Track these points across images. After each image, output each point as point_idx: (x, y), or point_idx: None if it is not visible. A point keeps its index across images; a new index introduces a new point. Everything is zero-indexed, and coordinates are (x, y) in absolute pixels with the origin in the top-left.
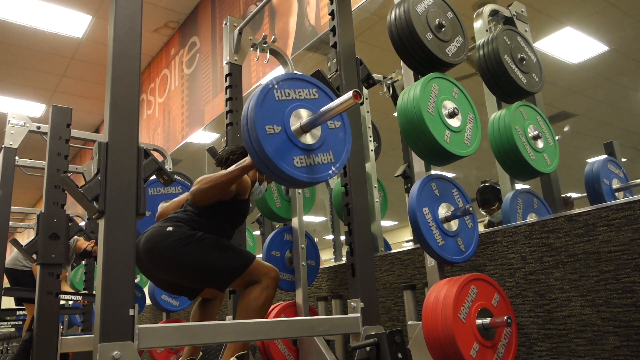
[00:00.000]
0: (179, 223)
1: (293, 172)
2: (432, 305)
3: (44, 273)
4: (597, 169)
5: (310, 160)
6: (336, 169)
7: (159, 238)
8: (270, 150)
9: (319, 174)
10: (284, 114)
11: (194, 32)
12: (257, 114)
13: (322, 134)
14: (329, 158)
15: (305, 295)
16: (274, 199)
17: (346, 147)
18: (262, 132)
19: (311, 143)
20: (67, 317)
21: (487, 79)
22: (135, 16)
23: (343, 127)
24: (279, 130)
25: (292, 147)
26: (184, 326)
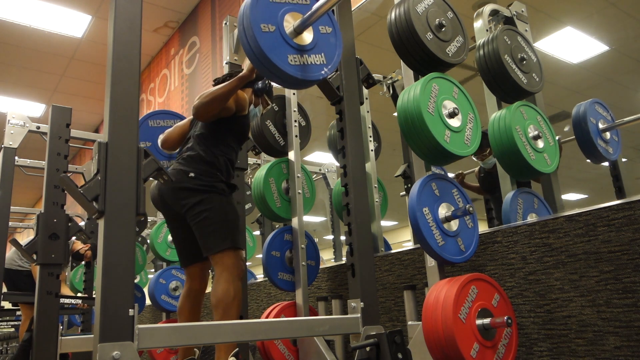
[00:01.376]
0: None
1: (287, 68)
2: (432, 305)
3: (43, 273)
4: (584, 110)
5: (303, 60)
6: (328, 70)
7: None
8: (265, 46)
9: (312, 73)
10: (278, 15)
11: (193, 32)
12: (253, 13)
13: (314, 37)
14: (321, 59)
15: (305, 295)
16: (274, 199)
17: (337, 51)
18: (257, 29)
19: (304, 44)
20: (67, 317)
21: (487, 79)
22: (135, 16)
23: (334, 32)
24: (274, 30)
25: (285, 46)
26: (183, 326)
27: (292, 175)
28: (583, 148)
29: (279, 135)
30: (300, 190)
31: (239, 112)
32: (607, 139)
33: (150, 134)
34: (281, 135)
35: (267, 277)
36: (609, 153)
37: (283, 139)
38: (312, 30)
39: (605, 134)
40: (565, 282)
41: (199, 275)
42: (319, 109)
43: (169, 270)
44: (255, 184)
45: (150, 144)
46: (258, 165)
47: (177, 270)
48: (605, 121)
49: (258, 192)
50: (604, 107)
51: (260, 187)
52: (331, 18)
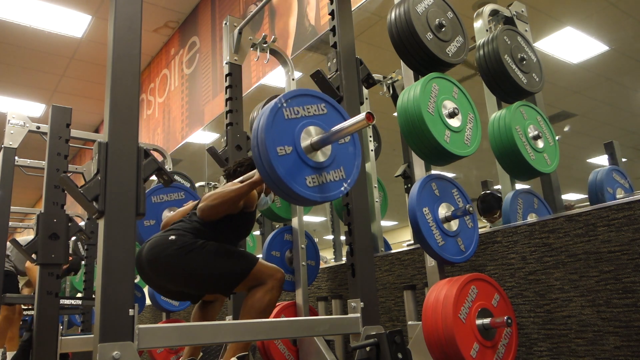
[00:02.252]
0: (182, 231)
1: (305, 193)
2: (432, 305)
3: (43, 273)
4: (600, 178)
5: (322, 179)
6: (348, 185)
7: (162, 247)
8: (282, 172)
9: (331, 192)
10: (294, 133)
11: (194, 32)
12: (268, 136)
13: (332, 150)
14: (340, 175)
15: (305, 295)
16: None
17: (356, 162)
18: (273, 153)
19: (322, 161)
20: (67, 317)
21: (487, 79)
22: (135, 16)
23: (352, 141)
24: (290, 151)
25: (303, 167)
26: (183, 326)
27: None
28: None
29: None
30: None
31: (246, 209)
32: None
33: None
34: None
35: None
36: None
37: None
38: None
39: None
40: (565, 282)
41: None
42: None
43: None
44: None
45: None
46: None
47: None
48: (623, 190)
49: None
50: (621, 175)
51: None
52: None
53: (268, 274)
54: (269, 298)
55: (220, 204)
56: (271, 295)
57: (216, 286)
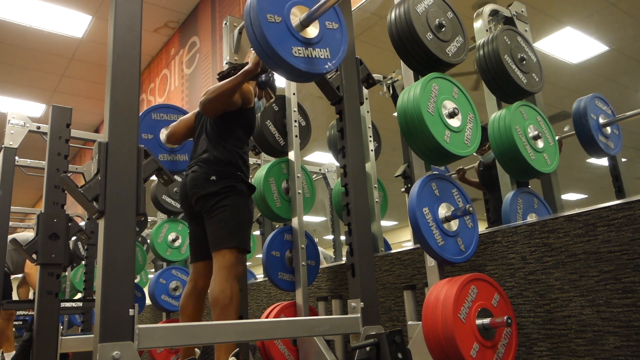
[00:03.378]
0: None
1: (291, 60)
2: (432, 305)
3: (43, 273)
4: (584, 105)
5: (308, 53)
6: (332, 64)
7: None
8: (270, 36)
9: (316, 66)
10: (285, 7)
11: (194, 32)
12: (260, 3)
13: (320, 31)
14: (326, 54)
15: (305, 295)
16: (274, 199)
17: (342, 47)
18: (263, 19)
19: (310, 37)
20: (67, 317)
21: (487, 79)
22: (135, 16)
23: (340, 28)
24: (280, 20)
25: (291, 37)
26: (184, 326)
27: (292, 175)
28: (584, 144)
29: (279, 135)
30: (300, 190)
31: (245, 105)
32: (608, 134)
33: (152, 127)
34: (281, 135)
35: (267, 277)
36: (610, 148)
37: (283, 139)
38: (319, 25)
39: (606, 128)
40: (565, 282)
41: (204, 273)
42: (319, 109)
43: (169, 270)
44: (255, 184)
45: (152, 137)
46: (258, 165)
47: (177, 270)
48: (606, 116)
49: (258, 192)
50: (604, 102)
51: (260, 187)
52: (338, 14)
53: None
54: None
55: (219, 95)
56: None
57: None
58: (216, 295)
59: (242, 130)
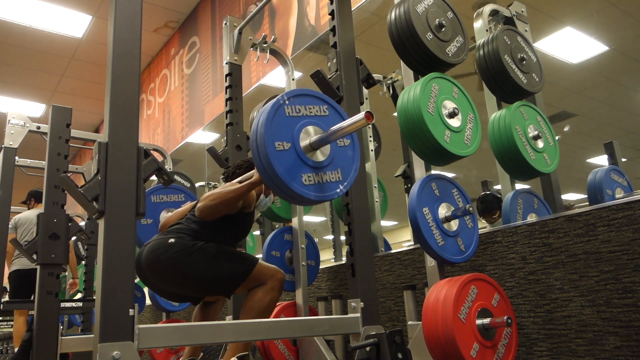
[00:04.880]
0: (181, 234)
1: (302, 191)
2: (432, 305)
3: (44, 273)
4: (599, 179)
5: (318, 178)
6: (344, 187)
7: (161, 250)
8: (279, 168)
9: (327, 192)
10: (294, 130)
11: (194, 32)
12: (267, 131)
13: (331, 151)
14: (337, 176)
15: (305, 295)
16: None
17: (354, 165)
18: (271, 148)
19: (320, 160)
20: (67, 317)
21: (487, 79)
22: (135, 16)
23: (352, 145)
24: (289, 147)
25: (301, 165)
26: (184, 326)
27: None
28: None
29: None
30: None
31: (244, 209)
32: None
33: (152, 211)
34: None
35: None
36: None
37: None
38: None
39: None
40: (565, 282)
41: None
42: None
43: None
44: None
45: (152, 221)
46: None
47: None
48: (622, 189)
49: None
50: (620, 174)
51: None
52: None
53: (268, 274)
54: (269, 298)
55: (219, 204)
56: (272, 296)
57: (217, 288)
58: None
59: (231, 234)
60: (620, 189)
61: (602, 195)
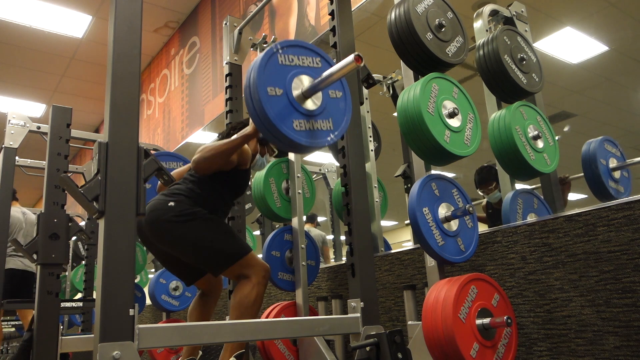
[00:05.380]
0: (181, 197)
1: (292, 135)
2: (432, 305)
3: (44, 273)
4: (593, 149)
5: (309, 125)
6: (335, 136)
7: (160, 212)
8: (270, 112)
9: (318, 139)
10: (286, 78)
11: (194, 32)
12: (260, 76)
13: (323, 101)
14: (328, 125)
15: (305, 295)
16: (274, 199)
17: (346, 116)
18: (263, 93)
19: (312, 109)
20: (67, 317)
21: (487, 79)
22: (135, 16)
23: (344, 97)
24: (281, 93)
25: (292, 111)
26: (184, 326)
27: (292, 175)
28: (593, 189)
29: None
30: (300, 190)
31: (240, 166)
32: (618, 178)
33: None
34: None
35: None
36: (620, 192)
37: None
38: (321, 95)
39: (616, 172)
40: (565, 282)
41: (208, 283)
42: None
43: None
44: (255, 184)
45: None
46: None
47: None
48: (616, 159)
49: (258, 192)
50: (613, 144)
51: (260, 187)
52: (342, 82)
53: (257, 267)
54: (255, 293)
55: (214, 156)
56: (258, 290)
57: (208, 260)
58: (239, 299)
59: (228, 191)
60: (614, 159)
61: (597, 165)
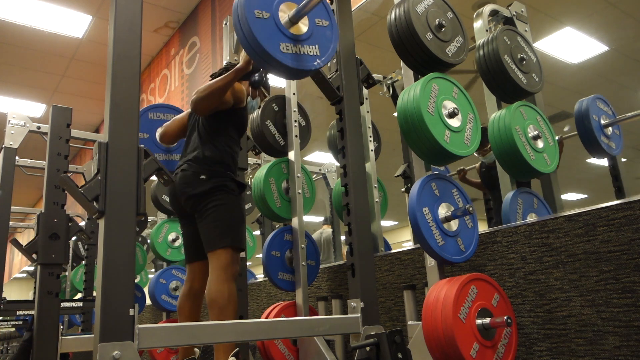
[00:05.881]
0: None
1: (279, 56)
2: (432, 305)
3: (44, 273)
4: (586, 106)
5: (296, 49)
6: (321, 61)
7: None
8: (258, 34)
9: (304, 62)
10: (273, 3)
11: (194, 32)
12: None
13: (309, 28)
14: (315, 51)
15: (305, 295)
16: (274, 199)
17: (332, 44)
18: (251, 15)
19: (298, 34)
20: (67, 317)
21: (487, 79)
22: (135, 16)
23: (331, 26)
24: (268, 17)
25: (279, 34)
26: (184, 326)
27: (292, 175)
28: (586, 145)
29: (279, 135)
30: (300, 190)
31: (237, 105)
32: (609, 134)
33: (149, 127)
34: (281, 135)
35: (267, 277)
36: (612, 148)
37: (283, 139)
38: (308, 22)
39: (608, 129)
40: (565, 282)
41: (200, 273)
42: (319, 109)
43: (169, 270)
44: (255, 184)
45: (148, 136)
46: (258, 165)
47: (177, 270)
48: (607, 116)
49: (258, 192)
50: (605, 103)
51: (260, 187)
52: (328, 11)
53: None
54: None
55: (210, 94)
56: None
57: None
58: (213, 296)
59: (234, 130)
60: (605, 116)
61: (589, 121)
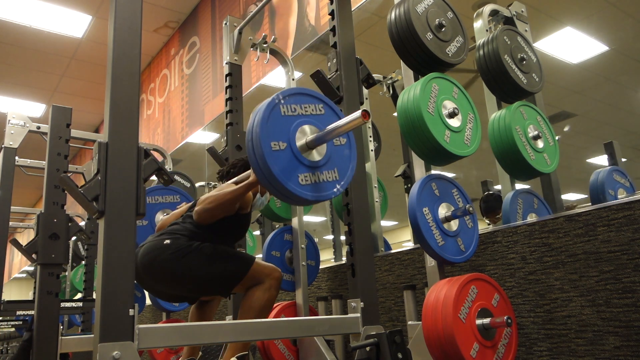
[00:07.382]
0: (177, 235)
1: (298, 191)
2: (432, 305)
3: (44, 273)
4: (602, 179)
5: (315, 178)
6: (341, 187)
7: (156, 252)
8: (275, 168)
9: (324, 192)
10: (290, 130)
11: (194, 32)
12: (263, 130)
13: (327, 151)
14: (334, 175)
15: (305, 295)
16: (274, 199)
17: (351, 164)
18: (267, 148)
19: (317, 160)
20: (67, 317)
21: (487, 79)
22: (135, 16)
23: (348, 144)
24: (285, 147)
25: (297, 164)
26: (184, 326)
27: None
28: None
29: None
30: None
31: (241, 211)
32: None
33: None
34: None
35: None
36: None
37: None
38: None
39: None
40: (565, 282)
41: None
42: None
43: None
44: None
45: (147, 223)
46: None
47: None
48: (624, 190)
49: None
50: (622, 174)
51: None
52: None
53: (265, 273)
54: (267, 297)
55: (217, 207)
56: (269, 294)
57: (214, 288)
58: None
59: (228, 234)
60: (623, 190)
61: (605, 196)
